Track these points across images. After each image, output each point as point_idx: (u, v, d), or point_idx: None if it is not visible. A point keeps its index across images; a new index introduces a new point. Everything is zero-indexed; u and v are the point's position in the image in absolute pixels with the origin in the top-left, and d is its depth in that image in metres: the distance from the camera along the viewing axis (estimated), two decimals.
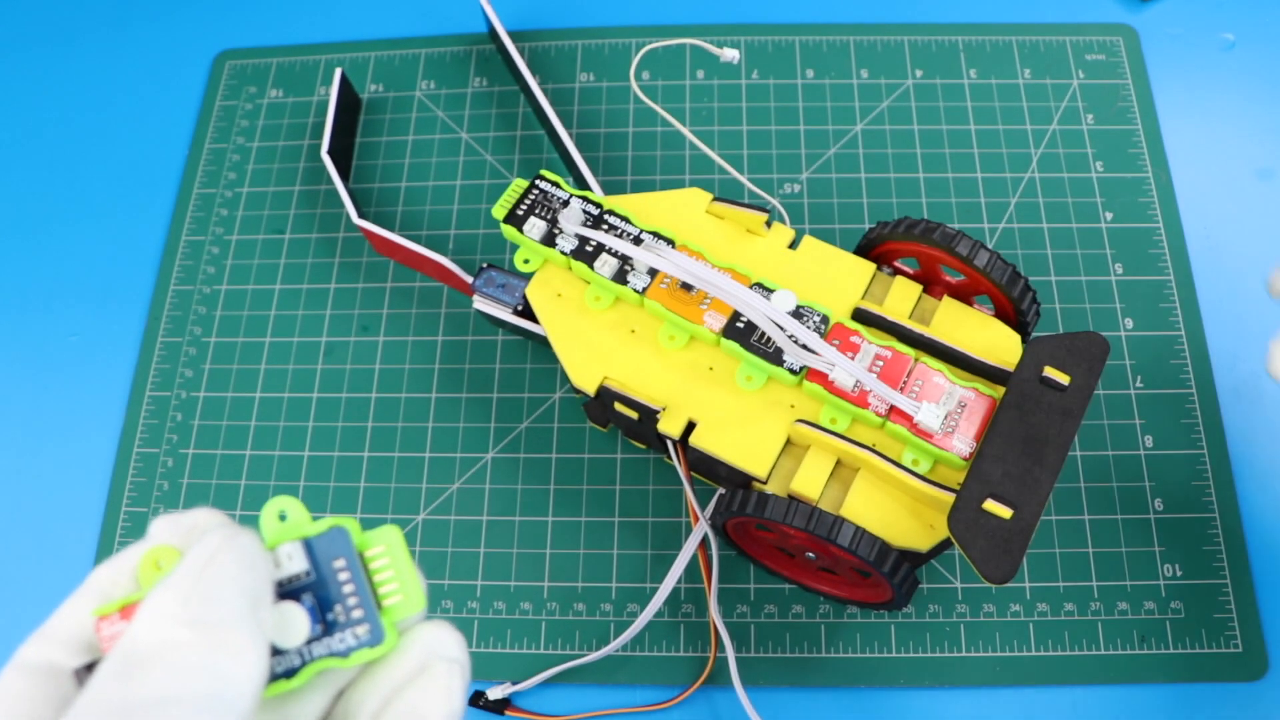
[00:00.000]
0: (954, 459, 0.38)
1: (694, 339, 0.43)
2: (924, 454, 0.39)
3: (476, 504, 0.49)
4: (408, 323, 0.53)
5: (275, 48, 0.61)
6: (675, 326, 0.42)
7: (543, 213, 0.45)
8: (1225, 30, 0.58)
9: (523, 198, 0.45)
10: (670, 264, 0.42)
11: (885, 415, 0.39)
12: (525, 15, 0.61)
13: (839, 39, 0.59)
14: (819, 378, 0.40)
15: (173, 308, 0.54)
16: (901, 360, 0.40)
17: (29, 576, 0.49)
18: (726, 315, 0.42)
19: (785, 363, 0.40)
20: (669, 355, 0.42)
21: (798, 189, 0.55)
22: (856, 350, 0.40)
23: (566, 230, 0.44)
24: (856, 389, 0.40)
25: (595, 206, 0.45)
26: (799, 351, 0.40)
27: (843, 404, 0.40)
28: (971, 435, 0.39)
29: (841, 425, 0.40)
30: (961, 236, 0.41)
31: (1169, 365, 0.50)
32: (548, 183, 0.45)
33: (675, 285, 0.42)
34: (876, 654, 0.45)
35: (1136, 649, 0.45)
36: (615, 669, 0.46)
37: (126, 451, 0.51)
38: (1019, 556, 0.35)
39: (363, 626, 0.23)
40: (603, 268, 0.43)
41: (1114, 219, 0.53)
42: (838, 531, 0.37)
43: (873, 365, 0.40)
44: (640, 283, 0.43)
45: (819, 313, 0.41)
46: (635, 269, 0.43)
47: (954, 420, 0.39)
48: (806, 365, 0.40)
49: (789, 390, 0.41)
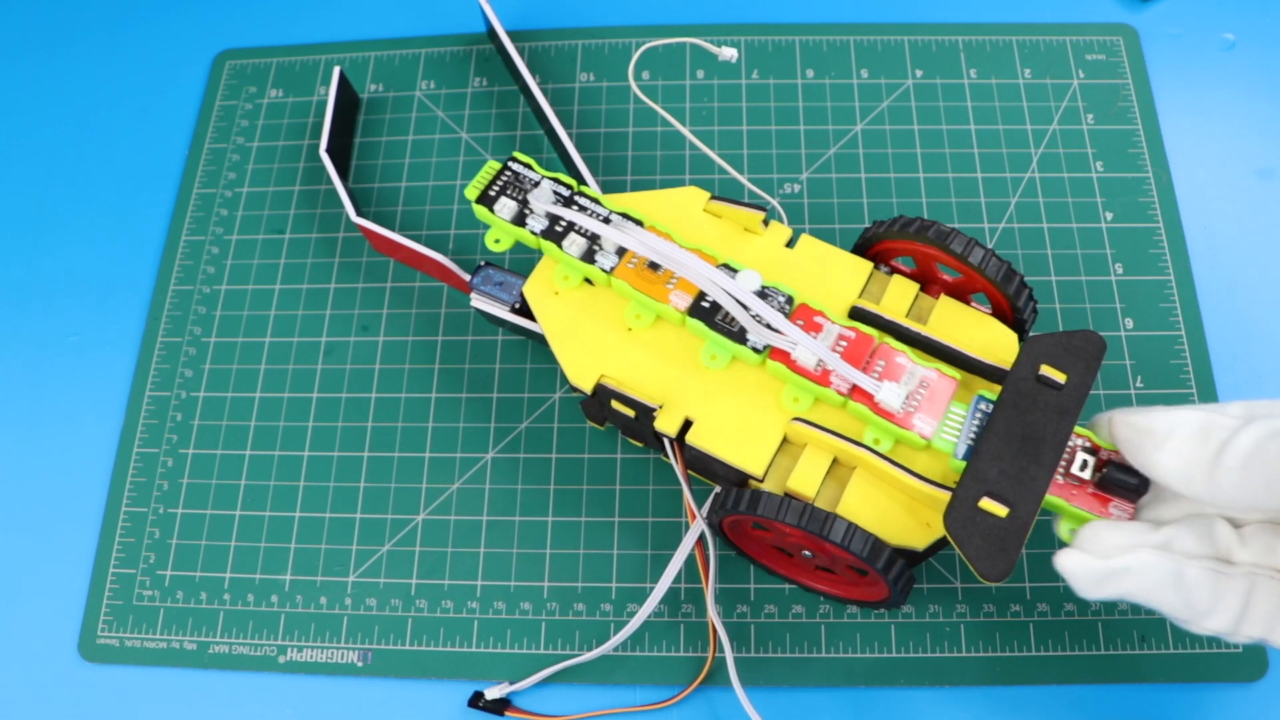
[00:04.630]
0: (914, 439, 0.39)
1: (661, 317, 0.43)
2: (885, 433, 0.39)
3: (476, 504, 0.49)
4: (408, 323, 0.53)
5: (275, 48, 0.61)
6: (641, 305, 0.43)
7: (514, 193, 0.45)
8: (1225, 30, 0.58)
9: (495, 179, 0.46)
10: (637, 242, 0.42)
11: (847, 394, 0.39)
12: (525, 15, 0.61)
13: (839, 39, 0.59)
14: (782, 356, 0.40)
15: (173, 307, 0.54)
16: (865, 341, 0.40)
17: (29, 576, 0.50)
18: (693, 295, 0.42)
19: (749, 341, 0.41)
20: (666, 353, 0.42)
21: (797, 189, 0.54)
22: (820, 330, 0.41)
23: (536, 210, 0.44)
24: (819, 368, 0.40)
25: (566, 188, 0.45)
26: (762, 330, 0.40)
27: (805, 383, 0.40)
28: (932, 415, 0.39)
29: (804, 405, 0.40)
30: (956, 234, 0.41)
31: (1169, 365, 0.50)
32: (520, 164, 0.46)
33: (643, 265, 0.43)
34: (876, 654, 0.45)
35: (1136, 649, 0.45)
36: (615, 669, 0.46)
37: (126, 451, 0.51)
38: (1015, 555, 0.35)
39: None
40: (571, 247, 0.44)
41: (1114, 219, 0.53)
42: (830, 527, 0.37)
43: (836, 345, 0.40)
44: (608, 262, 0.43)
45: (783, 293, 0.42)
46: (603, 249, 0.43)
47: (915, 400, 0.39)
48: (770, 344, 0.41)
49: (788, 389, 0.41)
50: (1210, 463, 0.33)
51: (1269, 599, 0.33)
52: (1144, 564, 0.34)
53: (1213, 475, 0.33)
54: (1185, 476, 0.34)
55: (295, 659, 0.47)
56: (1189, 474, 0.34)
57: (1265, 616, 0.33)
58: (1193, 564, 0.33)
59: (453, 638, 0.47)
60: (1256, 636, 0.34)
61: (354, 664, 0.47)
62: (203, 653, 0.47)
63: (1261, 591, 0.33)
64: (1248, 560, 0.33)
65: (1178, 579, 0.33)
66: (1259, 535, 0.34)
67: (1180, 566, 0.33)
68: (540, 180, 0.45)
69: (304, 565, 0.48)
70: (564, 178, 0.46)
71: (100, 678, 0.47)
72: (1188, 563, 0.33)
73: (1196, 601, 0.33)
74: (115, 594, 0.49)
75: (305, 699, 0.46)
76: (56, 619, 0.49)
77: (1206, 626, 0.34)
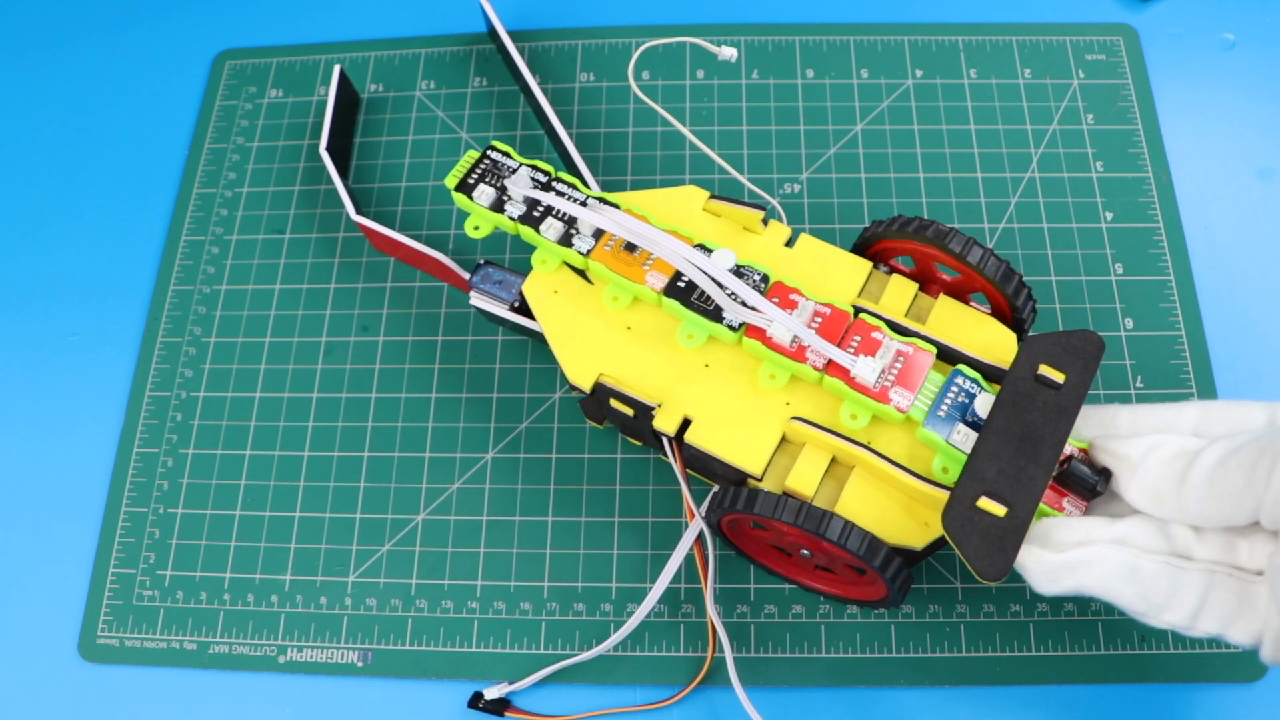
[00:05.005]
0: (891, 413, 0.39)
1: (645, 302, 0.43)
2: (861, 408, 0.40)
3: (476, 504, 0.49)
4: (408, 323, 0.53)
5: (275, 48, 0.61)
6: (618, 287, 0.43)
7: (492, 180, 0.46)
8: (1225, 30, 0.58)
9: (474, 167, 0.46)
10: (612, 223, 0.43)
11: (823, 369, 0.40)
12: (525, 15, 0.61)
13: (839, 39, 0.59)
14: (758, 333, 0.41)
15: (173, 307, 0.54)
16: (840, 316, 0.41)
17: (29, 576, 0.50)
18: (669, 275, 0.42)
19: (725, 320, 0.41)
20: (665, 352, 0.43)
21: (798, 189, 0.55)
22: (795, 307, 0.41)
23: (514, 196, 0.45)
24: (794, 344, 0.40)
25: (544, 174, 0.46)
26: (736, 307, 0.41)
27: (780, 359, 0.40)
28: (909, 389, 0.39)
29: (780, 382, 0.41)
30: (954, 233, 0.41)
31: (1169, 365, 0.50)
32: (499, 153, 0.47)
33: (619, 246, 0.43)
34: (876, 654, 0.45)
35: (1136, 649, 0.45)
36: (614, 668, 0.46)
37: (126, 451, 0.51)
38: (1013, 554, 0.35)
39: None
40: (548, 231, 0.44)
41: (1114, 219, 0.53)
42: (826, 526, 0.37)
43: (811, 320, 0.41)
44: (585, 245, 0.44)
45: (759, 271, 0.42)
46: (580, 232, 0.44)
47: (891, 375, 0.39)
48: (746, 321, 0.41)
49: (785, 387, 0.41)
50: (1178, 482, 0.34)
51: (1227, 595, 0.34)
52: (1100, 557, 0.35)
53: (1180, 493, 0.34)
54: (1157, 497, 0.35)
55: (295, 659, 0.47)
56: (1160, 493, 0.35)
57: (1222, 612, 0.34)
58: (1149, 558, 0.34)
59: (453, 638, 0.47)
60: (1213, 632, 0.34)
61: (354, 664, 0.47)
62: (203, 653, 0.47)
63: (1220, 587, 0.34)
64: (1206, 557, 0.34)
65: (1134, 572, 0.34)
66: (1217, 533, 0.35)
67: (1136, 560, 0.34)
68: (518, 167, 0.46)
69: (304, 565, 0.48)
70: (542, 164, 0.46)
71: (100, 678, 0.47)
72: (1144, 556, 0.34)
73: (1152, 595, 0.34)
74: (115, 594, 0.49)
75: (305, 699, 0.46)
76: (56, 619, 0.49)
77: (1164, 620, 0.35)
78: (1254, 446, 0.33)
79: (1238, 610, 0.34)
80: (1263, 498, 0.32)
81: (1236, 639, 0.34)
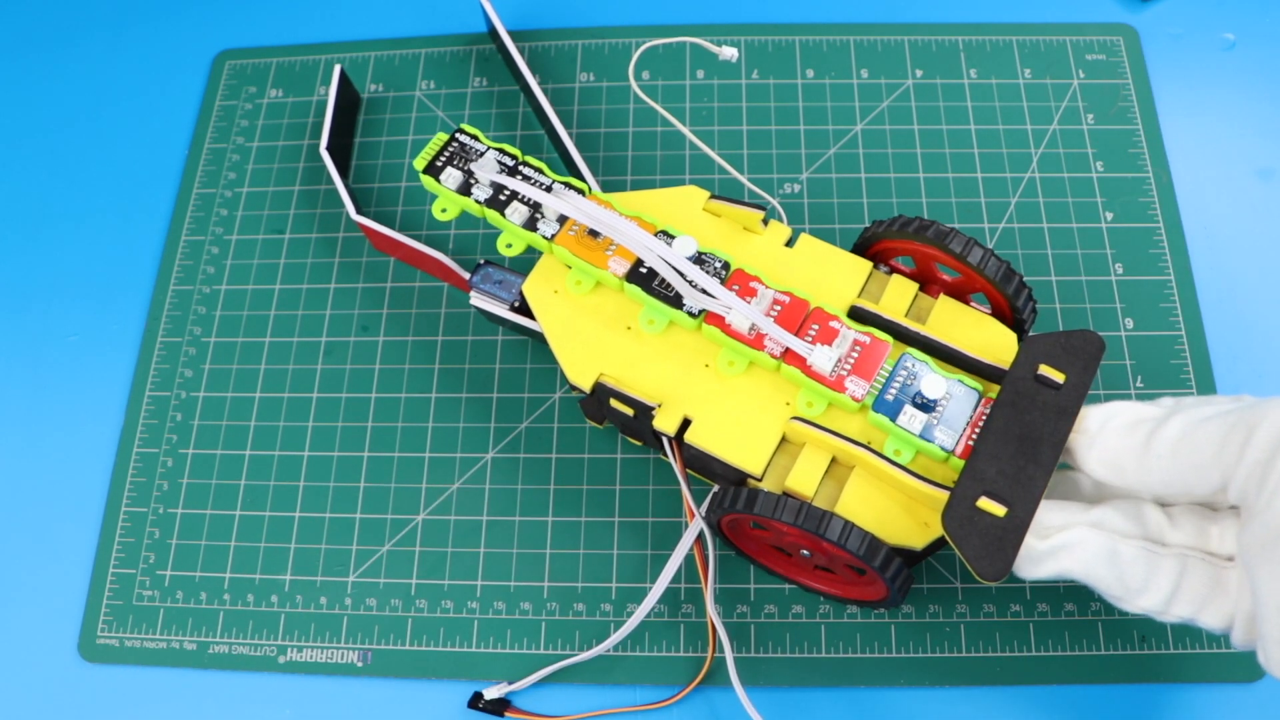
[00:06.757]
0: (847, 402, 0.39)
1: (601, 283, 0.44)
2: (818, 396, 0.40)
3: (476, 504, 0.49)
4: (408, 323, 0.53)
5: (275, 48, 0.61)
6: (581, 271, 0.44)
7: (460, 163, 0.46)
8: (1226, 30, 0.58)
9: (442, 149, 0.47)
10: (575, 209, 0.44)
11: (780, 358, 0.40)
12: (525, 15, 0.61)
13: (839, 39, 0.59)
14: (717, 320, 0.41)
15: (172, 308, 0.54)
16: (799, 305, 0.41)
17: (29, 576, 0.50)
18: (631, 261, 0.43)
19: (685, 306, 0.42)
20: (665, 352, 0.43)
21: (798, 189, 0.54)
22: (754, 295, 0.42)
23: (481, 179, 0.46)
24: (753, 332, 0.41)
25: (511, 158, 0.46)
26: (695, 295, 0.41)
27: (738, 346, 0.41)
28: (864, 378, 0.40)
29: (739, 369, 0.41)
30: (955, 233, 0.41)
31: (1169, 365, 0.50)
32: (467, 136, 0.47)
33: (583, 232, 0.44)
34: (876, 654, 0.45)
35: (1136, 649, 0.45)
36: (614, 668, 0.46)
37: (126, 451, 0.51)
38: (1013, 554, 0.35)
39: None
40: (513, 215, 0.45)
41: (1114, 219, 0.53)
42: (826, 526, 0.37)
43: (770, 309, 0.41)
44: (549, 230, 0.44)
45: (720, 259, 0.42)
46: (545, 217, 0.45)
47: (848, 364, 0.40)
48: (705, 309, 0.41)
49: (783, 387, 0.41)
50: (1140, 450, 0.35)
51: (1200, 580, 0.34)
52: (1081, 540, 0.35)
53: (1143, 462, 0.35)
54: (1117, 466, 0.36)
55: (295, 659, 0.47)
56: (1120, 463, 0.35)
57: (1196, 597, 0.35)
58: (1127, 542, 0.35)
59: (453, 638, 0.47)
60: (1186, 616, 0.35)
61: (354, 664, 0.47)
62: (203, 653, 0.47)
63: (1193, 573, 0.35)
64: (1179, 542, 0.35)
65: (1112, 555, 0.35)
66: (1189, 518, 0.35)
67: (1115, 543, 0.35)
68: (486, 150, 0.46)
69: (304, 565, 0.48)
70: (509, 148, 0.47)
71: (100, 678, 0.47)
72: (1122, 540, 0.35)
73: (1130, 579, 0.35)
74: (115, 594, 0.49)
75: (305, 699, 0.46)
76: (56, 619, 0.49)
77: (1139, 605, 0.35)
78: (1226, 419, 0.33)
79: (1210, 595, 0.34)
80: (1234, 471, 0.33)
81: (1209, 623, 0.35)
